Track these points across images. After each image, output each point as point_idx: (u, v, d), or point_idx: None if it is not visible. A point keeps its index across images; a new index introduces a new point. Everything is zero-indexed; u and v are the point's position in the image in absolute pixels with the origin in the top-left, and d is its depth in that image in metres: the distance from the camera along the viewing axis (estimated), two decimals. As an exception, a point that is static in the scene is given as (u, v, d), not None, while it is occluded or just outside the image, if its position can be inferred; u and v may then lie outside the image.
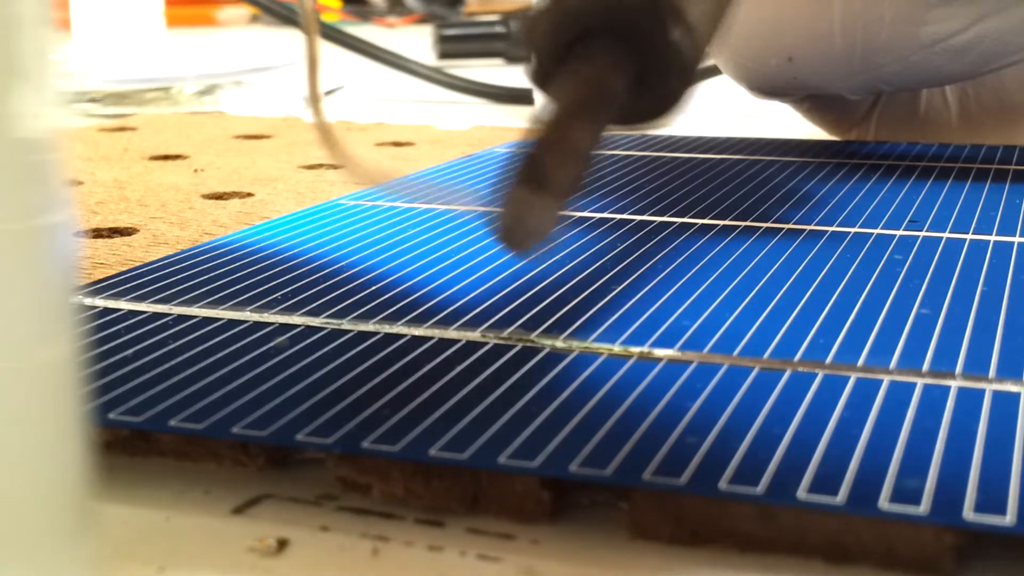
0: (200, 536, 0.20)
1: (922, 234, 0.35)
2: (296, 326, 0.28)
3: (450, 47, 1.02)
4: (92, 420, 0.17)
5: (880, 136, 0.56)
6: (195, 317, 0.28)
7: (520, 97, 0.72)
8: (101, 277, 0.32)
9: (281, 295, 0.30)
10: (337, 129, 0.23)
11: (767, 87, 0.54)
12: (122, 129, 0.62)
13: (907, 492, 0.19)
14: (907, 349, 0.26)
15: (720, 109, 0.71)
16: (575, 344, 0.26)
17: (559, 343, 0.26)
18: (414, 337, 0.27)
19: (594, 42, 0.25)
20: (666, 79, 0.26)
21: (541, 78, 0.26)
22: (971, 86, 0.53)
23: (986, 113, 0.54)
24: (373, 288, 0.30)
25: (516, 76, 0.78)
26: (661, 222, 0.37)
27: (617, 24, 0.25)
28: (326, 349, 0.26)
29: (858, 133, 0.56)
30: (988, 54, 0.48)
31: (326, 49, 0.81)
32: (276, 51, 0.82)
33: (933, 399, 0.23)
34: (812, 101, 0.56)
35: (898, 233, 0.36)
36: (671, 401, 0.23)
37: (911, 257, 0.33)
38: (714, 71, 0.73)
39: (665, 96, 0.26)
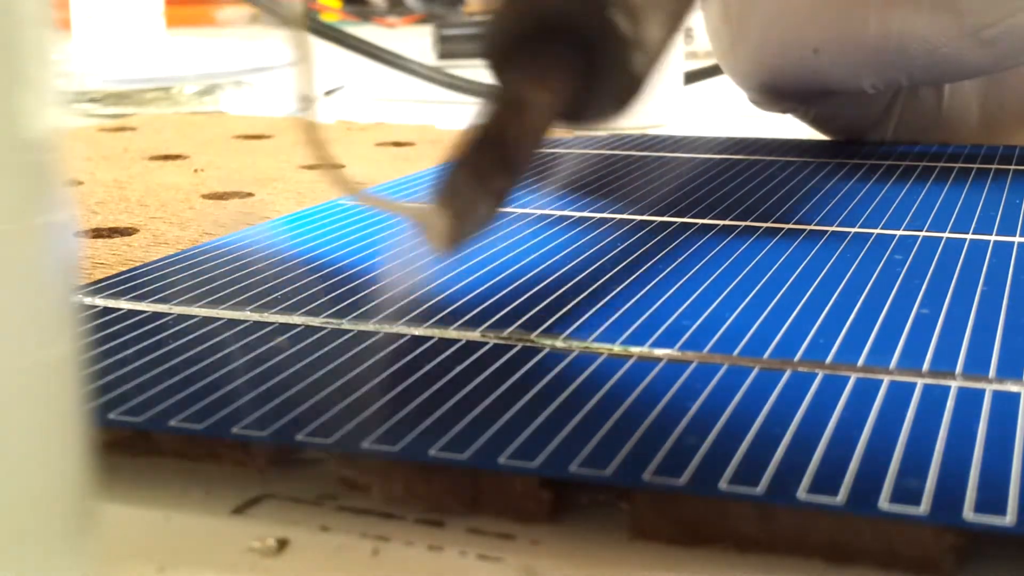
0: (200, 536, 0.20)
1: (922, 234, 0.35)
2: (296, 326, 0.28)
3: (450, 47, 1.02)
4: (92, 420, 0.17)
5: (898, 140, 0.55)
6: (195, 317, 0.28)
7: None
8: (101, 277, 0.32)
9: (281, 295, 0.30)
10: (325, 134, 0.23)
11: (782, 84, 0.54)
12: (122, 129, 0.62)
13: (907, 492, 0.19)
14: (907, 349, 0.26)
15: (720, 109, 0.71)
16: (575, 344, 0.26)
17: (559, 343, 0.26)
18: (414, 337, 0.27)
19: (543, 39, 0.25)
20: (614, 81, 0.26)
21: (494, 71, 0.26)
22: (993, 88, 0.53)
23: (1008, 115, 0.54)
24: (373, 288, 0.30)
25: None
26: (661, 222, 0.37)
27: (566, 23, 0.25)
28: (326, 349, 0.26)
29: (874, 138, 0.56)
30: (1015, 48, 0.48)
31: (326, 49, 0.81)
32: (276, 51, 0.82)
33: (933, 399, 0.23)
34: (820, 109, 0.56)
35: (898, 233, 0.36)
36: (671, 401, 0.23)
37: (911, 257, 0.33)
38: (714, 71, 0.73)
39: (613, 97, 0.26)
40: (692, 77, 0.75)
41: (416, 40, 1.09)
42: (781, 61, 0.52)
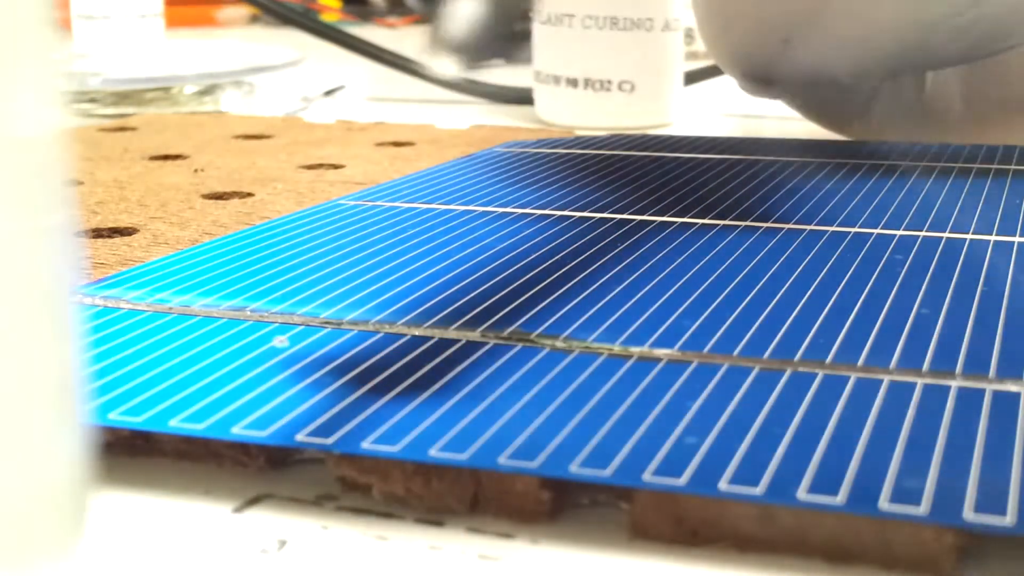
0: (200, 536, 0.20)
1: (922, 234, 0.35)
2: (296, 325, 0.28)
3: (450, 47, 1.02)
4: (92, 420, 0.17)
5: (883, 129, 0.55)
6: (195, 317, 0.28)
7: (520, 97, 0.72)
8: (101, 277, 0.32)
9: (281, 294, 0.30)
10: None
11: (762, 73, 0.54)
12: (122, 129, 0.62)
13: (907, 492, 0.19)
14: (907, 349, 0.26)
15: (720, 109, 0.71)
16: (575, 344, 0.26)
17: (559, 343, 0.26)
18: (414, 337, 0.27)
19: None
20: None
21: None
22: (975, 78, 0.53)
23: (991, 106, 0.54)
24: (373, 288, 0.30)
25: (516, 76, 0.78)
26: (661, 222, 0.37)
27: None
28: (326, 349, 0.26)
29: (859, 127, 0.56)
30: (986, 36, 0.48)
31: (326, 49, 0.81)
32: (276, 51, 0.82)
33: (933, 399, 0.23)
34: (807, 95, 0.56)
35: (898, 233, 0.36)
36: (671, 401, 0.23)
37: (911, 257, 0.33)
38: (714, 71, 0.73)
39: None
40: (692, 77, 0.75)
41: (416, 40, 1.09)
42: (757, 51, 0.53)
